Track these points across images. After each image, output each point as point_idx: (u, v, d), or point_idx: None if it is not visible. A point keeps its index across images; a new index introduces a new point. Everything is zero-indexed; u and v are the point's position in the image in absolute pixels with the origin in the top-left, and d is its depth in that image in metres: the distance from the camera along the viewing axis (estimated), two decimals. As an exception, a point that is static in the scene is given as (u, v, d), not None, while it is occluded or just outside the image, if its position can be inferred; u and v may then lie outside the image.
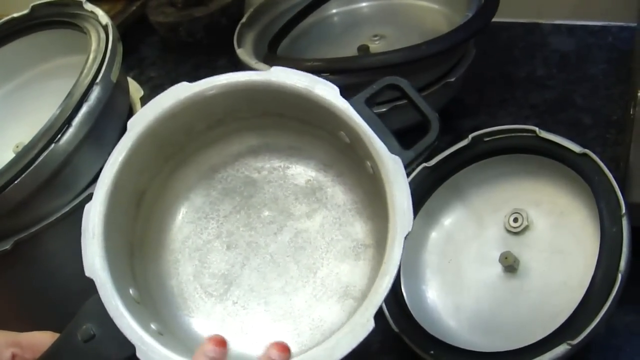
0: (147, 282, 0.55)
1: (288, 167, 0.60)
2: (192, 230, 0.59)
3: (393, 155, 0.49)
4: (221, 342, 0.46)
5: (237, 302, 0.57)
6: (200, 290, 0.57)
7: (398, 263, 0.46)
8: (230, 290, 0.57)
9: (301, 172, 0.60)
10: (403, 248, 0.46)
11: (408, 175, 0.48)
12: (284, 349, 0.46)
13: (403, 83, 0.54)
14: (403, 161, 0.49)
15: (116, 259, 0.50)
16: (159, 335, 0.48)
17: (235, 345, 0.54)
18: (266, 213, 0.59)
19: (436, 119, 0.52)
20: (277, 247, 0.58)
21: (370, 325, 0.44)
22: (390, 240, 0.47)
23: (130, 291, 0.51)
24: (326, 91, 0.51)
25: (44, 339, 0.49)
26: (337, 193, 0.59)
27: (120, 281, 0.49)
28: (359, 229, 0.57)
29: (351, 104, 0.50)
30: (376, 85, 0.53)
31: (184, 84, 0.53)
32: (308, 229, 0.58)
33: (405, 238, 0.46)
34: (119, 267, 0.50)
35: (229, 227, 0.59)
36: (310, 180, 0.59)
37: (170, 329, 0.53)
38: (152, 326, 0.49)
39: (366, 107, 0.51)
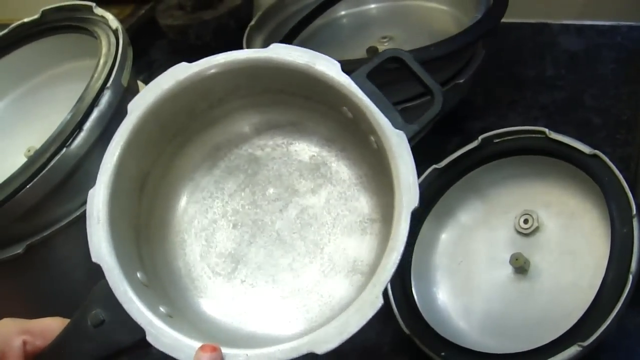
0: (155, 264, 0.55)
1: (291, 144, 0.60)
2: (198, 210, 0.59)
3: (397, 130, 0.48)
4: (214, 349, 0.45)
5: (245, 281, 0.57)
6: (207, 270, 0.57)
7: (405, 239, 0.45)
8: (237, 269, 0.57)
9: (304, 148, 0.59)
10: (410, 223, 0.46)
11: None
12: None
13: (405, 55, 0.53)
14: (407, 135, 0.48)
15: (122, 243, 0.50)
16: (168, 317, 0.48)
17: (244, 324, 0.55)
18: (271, 190, 0.59)
19: (439, 92, 0.52)
20: (283, 224, 0.58)
21: (379, 302, 0.44)
22: (397, 215, 0.46)
23: (138, 275, 0.50)
24: (327, 67, 0.50)
25: (54, 324, 0.49)
26: (342, 168, 0.58)
27: (127, 265, 0.49)
28: (365, 204, 0.57)
29: (353, 79, 0.50)
30: (377, 59, 0.52)
31: (183, 64, 0.52)
32: (314, 205, 0.58)
33: (412, 213, 0.46)
34: (125, 251, 0.50)
35: (234, 206, 0.59)
36: (314, 156, 0.59)
37: (179, 310, 0.53)
38: (161, 309, 0.49)
39: (368, 82, 0.50)
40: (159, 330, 0.46)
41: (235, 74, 0.53)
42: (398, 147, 0.48)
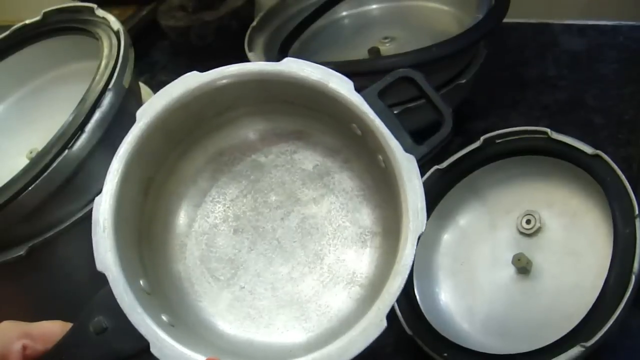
0: (155, 269, 0.55)
1: (295, 152, 0.59)
2: (199, 214, 0.59)
3: (407, 154, 0.48)
4: None
5: (244, 287, 0.56)
6: (207, 274, 0.57)
7: (410, 264, 0.46)
8: (237, 275, 0.57)
9: (308, 157, 0.59)
10: (416, 249, 0.46)
11: (420, 167, 0.48)
12: None
13: (417, 76, 0.53)
14: (416, 157, 0.48)
15: (126, 250, 0.50)
16: (170, 327, 0.48)
17: (242, 331, 0.55)
18: (273, 198, 0.59)
19: (449, 114, 0.52)
20: (284, 232, 0.57)
21: (383, 325, 0.44)
22: (403, 240, 0.46)
23: (141, 282, 0.50)
24: (340, 85, 0.50)
25: (55, 328, 0.48)
26: (345, 179, 0.58)
27: (130, 273, 0.48)
28: (366, 216, 0.57)
29: (364, 97, 0.50)
30: (390, 77, 0.52)
31: (195, 73, 0.52)
32: (315, 215, 0.58)
33: (419, 239, 0.46)
34: (129, 258, 0.50)
35: (235, 211, 0.59)
36: (317, 165, 0.59)
37: (179, 316, 0.53)
38: (163, 318, 0.49)
39: (379, 101, 0.51)
40: (163, 342, 0.46)
41: (246, 85, 0.53)
42: (408, 171, 0.48)
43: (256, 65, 0.52)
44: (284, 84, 0.52)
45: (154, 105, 0.51)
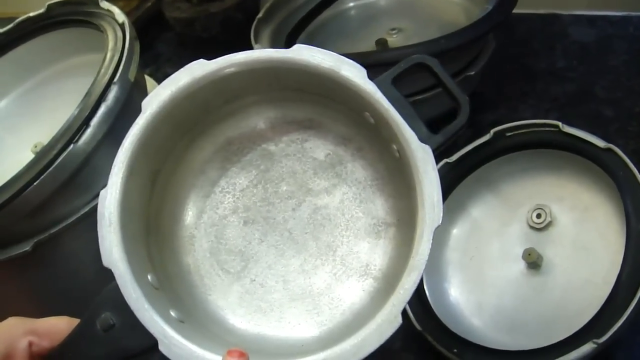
0: (164, 261, 0.54)
1: (306, 140, 0.58)
2: (208, 205, 0.58)
3: (422, 144, 0.47)
4: (241, 354, 0.45)
5: (255, 280, 0.56)
6: (217, 267, 0.56)
7: (426, 258, 0.45)
8: (248, 267, 0.56)
9: (320, 146, 0.57)
10: (432, 242, 0.45)
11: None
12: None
13: (431, 62, 0.51)
14: (432, 147, 0.47)
15: (133, 244, 0.49)
16: (180, 323, 0.48)
17: (253, 325, 0.54)
18: (284, 188, 0.57)
19: (466, 102, 0.50)
20: (296, 223, 0.56)
21: (398, 322, 0.44)
22: (419, 233, 0.45)
23: (149, 277, 0.50)
24: (353, 72, 0.49)
25: (61, 325, 0.48)
26: (357, 168, 0.57)
27: (138, 268, 0.48)
28: (380, 207, 0.56)
29: (377, 85, 0.48)
30: (404, 64, 0.51)
31: (201, 61, 0.51)
32: (327, 205, 0.56)
33: (434, 231, 0.45)
34: (136, 252, 0.49)
35: (245, 202, 0.58)
36: (329, 154, 0.57)
37: (189, 311, 0.52)
38: (172, 313, 0.48)
39: (393, 88, 0.49)
40: (171, 340, 0.45)
41: (255, 73, 0.52)
42: (423, 162, 0.46)
43: (265, 53, 0.51)
44: (294, 71, 0.51)
45: (159, 95, 0.50)
